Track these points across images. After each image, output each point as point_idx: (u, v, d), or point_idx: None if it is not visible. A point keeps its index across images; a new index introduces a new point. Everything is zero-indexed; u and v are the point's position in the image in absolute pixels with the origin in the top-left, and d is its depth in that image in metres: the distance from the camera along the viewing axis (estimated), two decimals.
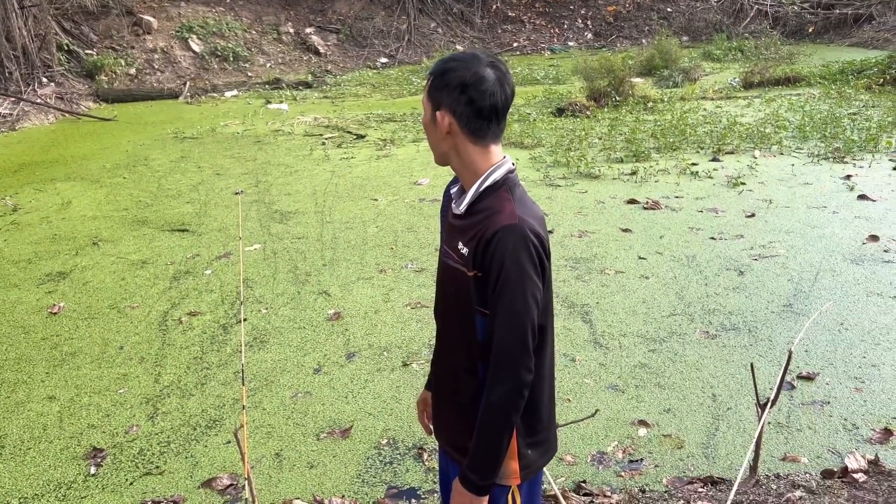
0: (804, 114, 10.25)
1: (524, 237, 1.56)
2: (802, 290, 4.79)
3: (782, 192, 6.89)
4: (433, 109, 1.65)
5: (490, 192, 1.64)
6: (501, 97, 1.62)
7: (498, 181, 1.65)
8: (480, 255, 1.58)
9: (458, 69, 1.60)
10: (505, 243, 1.55)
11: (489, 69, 1.60)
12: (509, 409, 1.57)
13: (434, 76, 1.65)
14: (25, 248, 6.14)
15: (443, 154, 1.70)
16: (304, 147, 9.80)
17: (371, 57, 19.37)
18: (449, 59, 1.65)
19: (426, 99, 1.67)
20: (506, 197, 1.63)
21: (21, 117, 12.46)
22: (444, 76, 1.62)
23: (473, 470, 1.62)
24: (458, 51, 19.89)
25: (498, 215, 1.58)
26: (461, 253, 1.63)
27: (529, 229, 1.58)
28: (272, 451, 3.30)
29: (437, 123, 1.64)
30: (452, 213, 1.73)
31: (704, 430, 3.36)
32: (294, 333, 4.45)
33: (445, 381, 1.81)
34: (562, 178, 7.68)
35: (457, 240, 1.66)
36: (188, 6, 18.29)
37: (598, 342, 4.22)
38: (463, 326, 1.67)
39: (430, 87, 1.65)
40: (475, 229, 1.61)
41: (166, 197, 7.56)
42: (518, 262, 1.55)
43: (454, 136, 1.64)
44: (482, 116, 1.61)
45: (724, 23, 20.80)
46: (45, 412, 3.69)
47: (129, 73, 15.83)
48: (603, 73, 12.08)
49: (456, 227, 1.69)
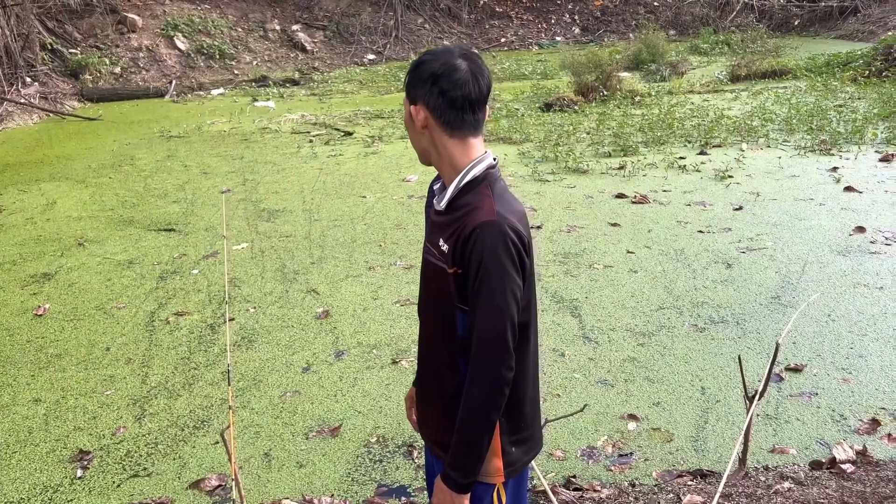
0: (791, 106, 10.30)
1: (503, 233, 1.54)
2: (790, 282, 4.81)
3: (769, 185, 6.91)
4: (410, 104, 1.64)
5: (470, 188, 1.62)
6: (475, 88, 1.59)
7: (478, 177, 1.63)
8: (459, 251, 1.56)
9: (429, 62, 1.59)
10: (483, 240, 1.53)
11: (462, 60, 1.59)
12: (489, 407, 1.56)
13: (409, 72, 1.64)
14: (9, 249, 6.08)
15: (423, 150, 1.68)
16: (291, 145, 9.75)
17: (358, 54, 19.30)
18: (423, 55, 1.65)
19: (406, 96, 1.67)
20: (485, 193, 1.61)
21: (4, 118, 12.33)
22: (417, 70, 1.61)
23: (455, 468, 1.60)
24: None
25: (477, 212, 1.57)
26: (441, 250, 1.62)
27: (508, 226, 1.56)
28: (261, 451, 3.28)
29: (415, 119, 1.62)
30: (434, 210, 1.71)
31: (693, 423, 3.37)
32: (282, 332, 4.43)
33: (428, 377, 1.80)
34: (550, 173, 7.68)
35: (438, 236, 1.65)
36: (173, 4, 18.16)
37: (587, 337, 4.22)
38: (444, 323, 1.66)
39: (406, 83, 1.65)
40: (455, 226, 1.60)
41: (152, 196, 7.50)
42: (497, 258, 1.53)
43: (431, 129, 1.62)
44: (455, 107, 1.59)
45: (711, 16, 20.87)
46: (30, 415, 3.65)
47: (114, 72, 15.70)
48: (590, 68, 12.09)
49: (437, 223, 1.68)
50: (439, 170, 1.68)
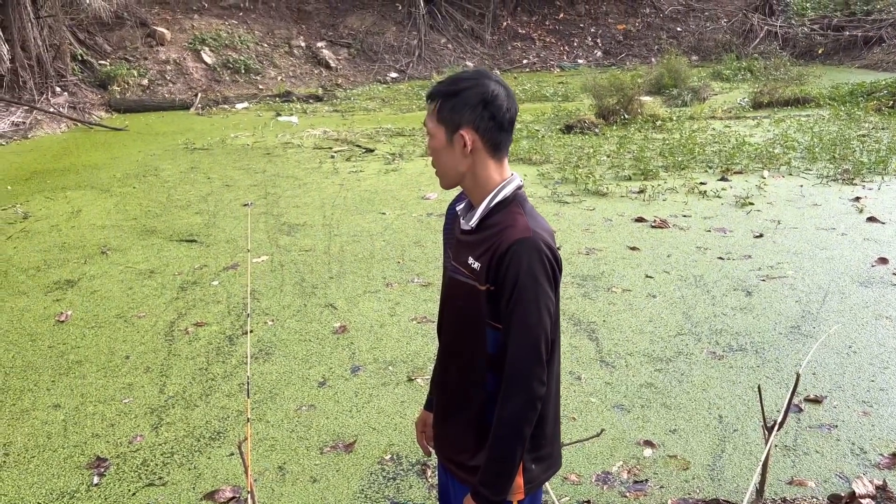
0: (813, 135, 10.24)
1: (539, 250, 1.59)
2: (810, 311, 4.76)
3: (791, 213, 6.87)
4: (451, 131, 1.64)
5: (500, 207, 1.67)
6: (514, 110, 1.67)
7: (508, 197, 1.68)
8: (494, 269, 1.60)
9: (472, 87, 1.62)
10: (520, 256, 1.57)
11: (497, 85, 1.64)
12: (523, 422, 1.59)
13: (444, 98, 1.65)
14: (35, 255, 6.17)
15: (459, 175, 1.69)
16: (313, 160, 9.85)
17: (381, 71, 19.49)
18: (455, 80, 1.65)
19: (436, 123, 1.66)
20: (517, 212, 1.66)
21: (34, 126, 12.58)
22: (461, 96, 1.62)
23: (486, 485, 1.62)
24: (467, 67, 20.00)
25: (511, 229, 1.61)
26: (472, 268, 1.65)
27: (543, 243, 1.61)
28: (275, 465, 3.29)
29: (457, 144, 1.64)
30: (461, 230, 1.74)
31: (710, 451, 3.34)
32: (299, 346, 4.45)
33: (451, 396, 1.80)
34: (569, 195, 7.69)
35: (466, 255, 1.67)
36: (201, 19, 18.48)
37: (604, 361, 4.20)
38: (472, 340, 1.68)
39: (442, 109, 1.65)
40: (487, 244, 1.63)
41: (175, 207, 7.60)
42: (533, 275, 1.57)
43: (476, 153, 1.65)
44: (503, 129, 1.66)
45: (734, 43, 20.86)
46: (50, 420, 3.69)
47: (142, 84, 15.97)
48: (612, 91, 12.11)
49: (465, 242, 1.70)
50: (470, 191, 1.71)
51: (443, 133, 1.66)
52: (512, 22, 22.97)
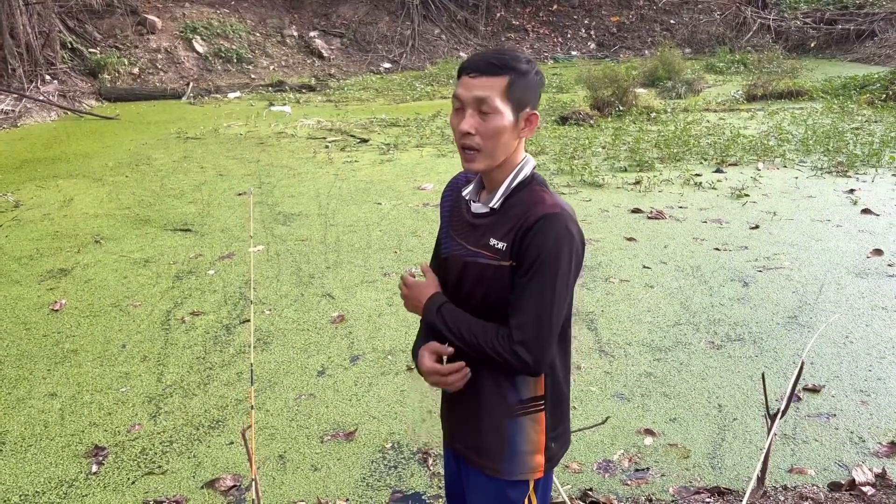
0: (807, 127, 10.28)
1: (567, 228, 1.57)
2: (807, 302, 4.78)
3: (786, 205, 6.89)
4: (517, 110, 1.60)
5: (521, 186, 1.66)
6: None
7: (527, 177, 1.67)
8: (518, 242, 1.58)
9: (536, 70, 1.62)
10: (546, 231, 1.55)
11: None
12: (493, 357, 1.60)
13: (517, 75, 1.58)
14: (27, 244, 6.11)
15: (509, 155, 1.65)
16: (307, 150, 9.79)
17: (374, 62, 19.39)
18: (517, 59, 1.59)
19: (504, 100, 1.57)
20: (542, 190, 1.65)
21: (23, 114, 12.44)
22: (528, 76, 1.59)
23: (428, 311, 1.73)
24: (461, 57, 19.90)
25: (539, 205, 1.59)
26: (496, 248, 1.62)
27: (572, 220, 1.60)
28: (276, 454, 3.28)
29: (521, 123, 1.62)
30: (474, 213, 1.71)
31: (711, 440, 3.35)
32: (298, 335, 4.43)
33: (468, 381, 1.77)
34: (566, 186, 7.68)
35: (487, 237, 1.64)
36: (192, 7, 18.31)
37: (603, 350, 4.21)
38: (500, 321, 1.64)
39: (515, 86, 1.58)
40: (512, 222, 1.61)
41: (169, 196, 7.54)
42: (558, 250, 1.55)
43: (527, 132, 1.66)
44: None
45: (727, 36, 20.87)
46: (46, 409, 3.66)
47: (133, 73, 15.82)
48: (607, 83, 12.10)
49: (483, 225, 1.67)
50: (495, 174, 1.67)
51: (511, 110, 1.59)
52: (506, 13, 22.89)
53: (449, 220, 1.81)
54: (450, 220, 1.81)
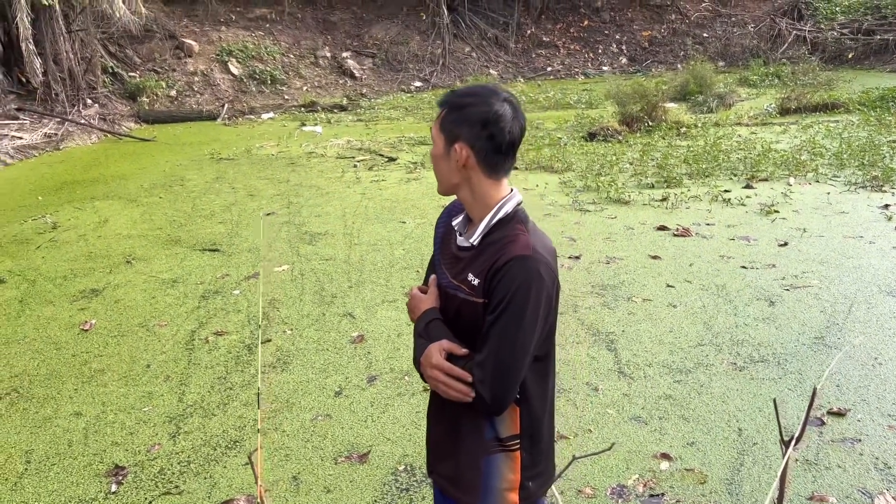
0: (842, 141, 10.06)
1: (537, 271, 1.57)
2: (836, 322, 4.67)
3: (817, 221, 6.75)
4: (448, 142, 1.65)
5: (502, 224, 1.66)
6: (518, 133, 1.65)
7: (509, 213, 1.67)
8: (489, 281, 1.60)
9: (477, 104, 1.62)
10: (515, 273, 1.56)
11: (506, 105, 1.63)
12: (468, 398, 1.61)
13: (450, 108, 1.66)
14: (62, 265, 6.30)
15: (453, 185, 1.71)
16: (336, 169, 9.92)
17: (405, 81, 19.59)
18: (466, 94, 1.65)
19: (438, 131, 1.68)
20: (520, 229, 1.65)
21: (65, 137, 12.85)
22: (464, 111, 1.63)
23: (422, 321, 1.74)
24: (491, 75, 19.98)
25: (512, 245, 1.60)
26: (473, 284, 1.64)
27: (543, 264, 1.59)
28: (289, 474, 3.31)
29: (452, 155, 1.65)
30: (458, 246, 1.73)
31: (729, 465, 3.28)
32: (317, 355, 4.47)
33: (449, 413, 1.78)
34: (591, 203, 7.64)
35: (466, 271, 1.66)
36: (228, 30, 18.75)
37: (622, 371, 4.16)
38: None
39: (445, 119, 1.66)
40: (487, 259, 1.62)
41: (200, 217, 7.70)
42: (526, 294, 1.55)
43: (469, 169, 1.65)
44: (500, 152, 1.64)
45: (762, 48, 20.61)
46: (71, 428, 3.75)
47: (170, 95, 16.25)
48: (636, 98, 12.04)
49: (465, 259, 1.69)
50: (469, 206, 1.71)
51: (442, 141, 1.67)
52: (536, 30, 22.96)
53: (440, 248, 1.84)
54: (441, 247, 1.83)
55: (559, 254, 6.08)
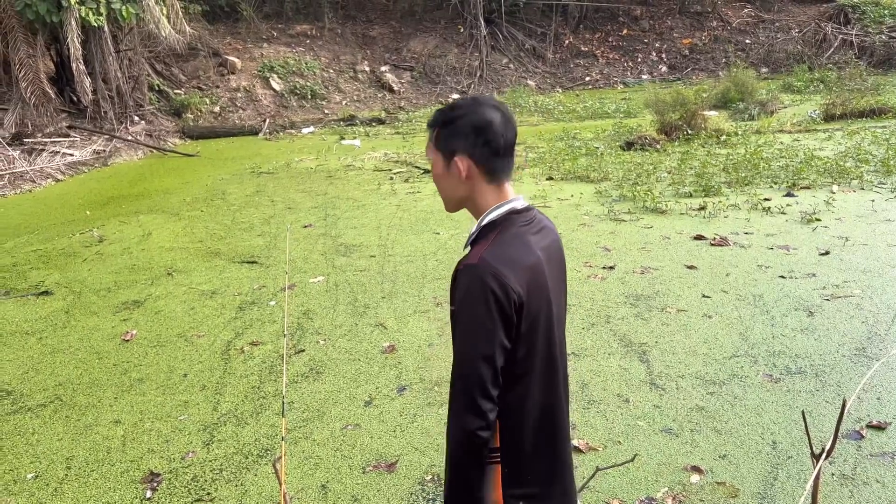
0: (889, 147, 9.78)
1: (480, 280, 1.54)
2: (877, 333, 4.53)
3: (860, 229, 6.57)
4: (447, 158, 1.68)
5: (487, 230, 1.67)
6: (511, 134, 1.67)
7: (496, 220, 1.67)
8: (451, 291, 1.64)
9: (467, 115, 1.64)
10: (460, 283, 1.58)
11: (493, 110, 1.65)
12: (459, 452, 1.59)
13: (441, 126, 1.69)
14: (107, 277, 6.50)
15: (460, 200, 1.72)
16: (372, 182, 10.04)
17: (443, 93, 19.72)
18: (452, 108, 1.68)
19: (434, 150, 1.71)
20: (489, 237, 1.63)
21: (113, 153, 13.28)
22: (455, 124, 1.65)
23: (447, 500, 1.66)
24: (528, 85, 19.97)
25: (468, 254, 1.63)
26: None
27: (491, 273, 1.54)
28: (318, 483, 3.35)
29: (453, 170, 1.67)
30: None
31: (761, 478, 3.21)
32: (349, 365, 4.53)
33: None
34: (626, 213, 7.58)
35: None
36: (270, 47, 19.17)
37: (654, 383, 4.11)
38: None
39: (439, 137, 1.69)
40: None
41: (239, 230, 7.87)
42: (467, 304, 1.56)
43: (472, 179, 1.67)
44: (498, 154, 1.66)
45: (806, 54, 20.17)
46: (110, 436, 3.87)
47: (214, 111, 16.66)
48: (674, 107, 11.91)
49: None
50: (473, 216, 1.73)
51: (441, 159, 1.69)
52: (574, 40, 22.89)
53: None
54: None
55: (592, 264, 6.04)
